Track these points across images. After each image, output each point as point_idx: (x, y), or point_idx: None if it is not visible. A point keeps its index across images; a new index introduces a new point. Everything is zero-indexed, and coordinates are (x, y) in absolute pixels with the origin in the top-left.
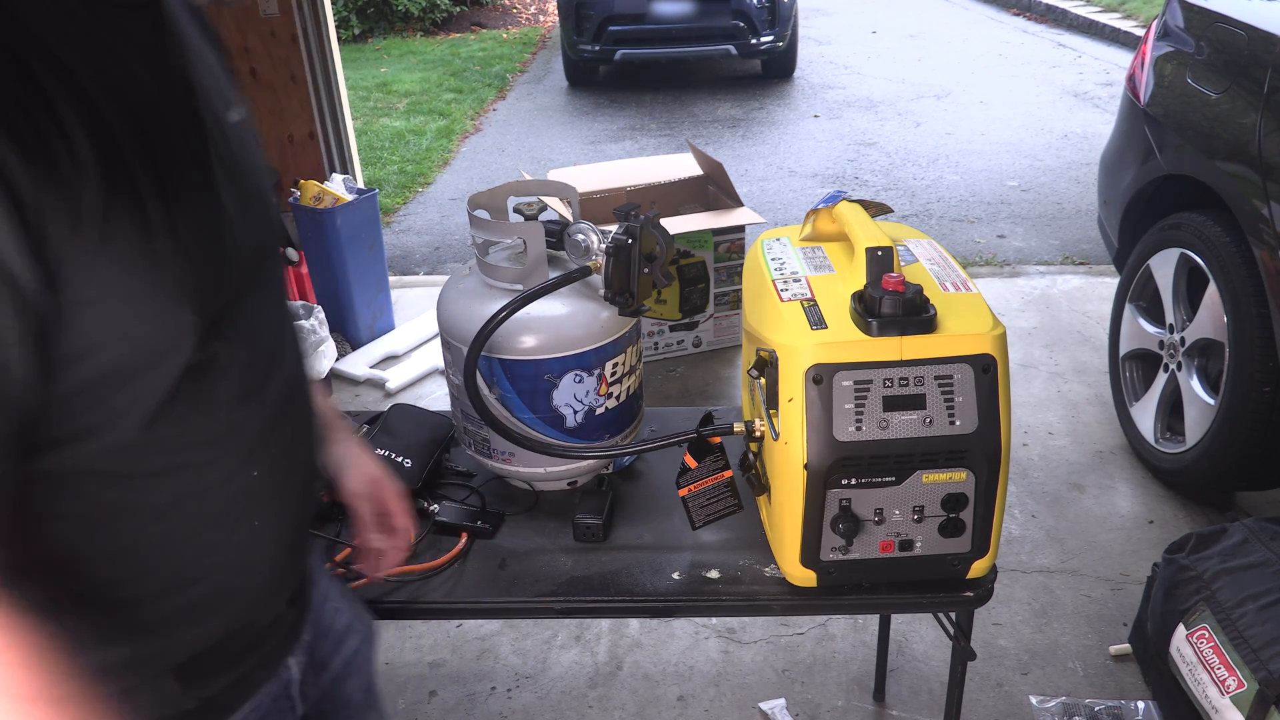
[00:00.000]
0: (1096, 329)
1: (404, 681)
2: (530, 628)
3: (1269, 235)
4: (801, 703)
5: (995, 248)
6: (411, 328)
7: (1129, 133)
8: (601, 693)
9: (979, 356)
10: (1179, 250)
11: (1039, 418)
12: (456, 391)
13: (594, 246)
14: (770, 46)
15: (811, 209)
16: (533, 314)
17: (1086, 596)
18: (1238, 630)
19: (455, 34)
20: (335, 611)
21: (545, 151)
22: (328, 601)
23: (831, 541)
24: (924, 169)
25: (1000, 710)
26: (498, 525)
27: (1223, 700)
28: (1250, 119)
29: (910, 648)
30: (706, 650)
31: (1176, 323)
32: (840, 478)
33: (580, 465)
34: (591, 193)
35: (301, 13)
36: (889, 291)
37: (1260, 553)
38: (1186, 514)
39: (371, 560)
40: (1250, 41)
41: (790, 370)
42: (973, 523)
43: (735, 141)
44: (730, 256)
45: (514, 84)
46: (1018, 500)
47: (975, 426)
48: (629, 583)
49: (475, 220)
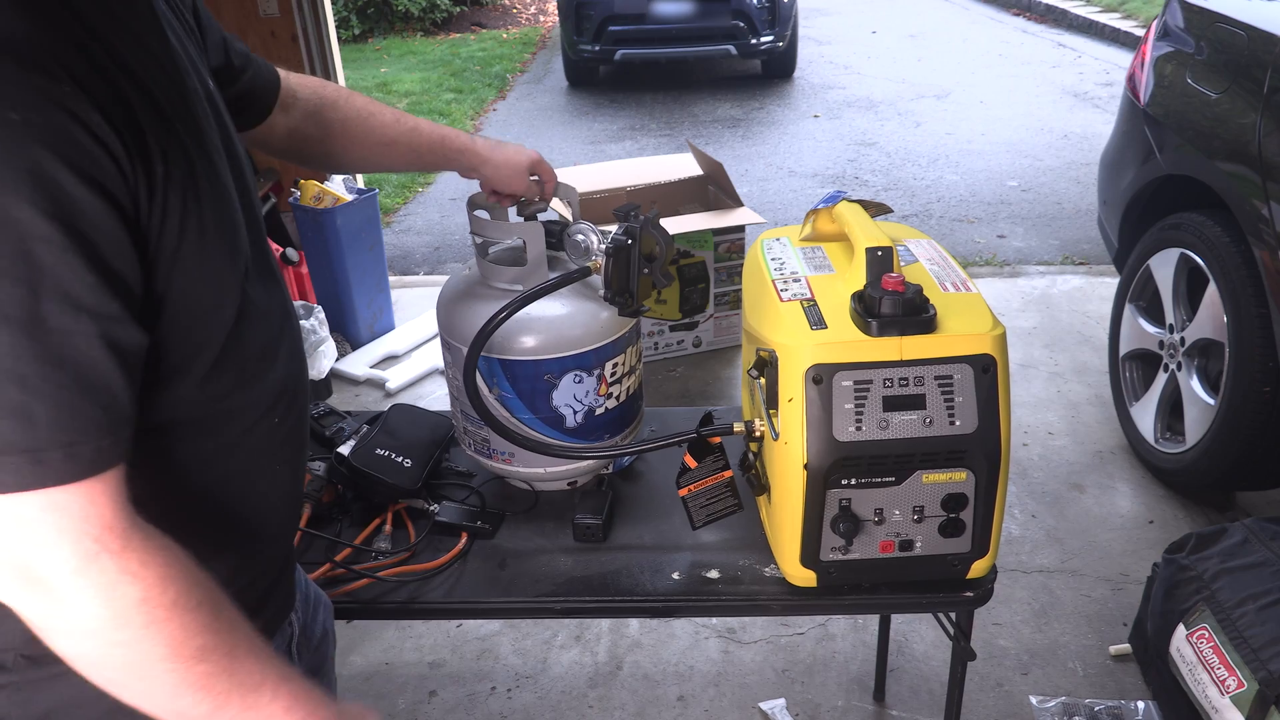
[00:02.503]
0: (1096, 329)
1: (404, 681)
2: (530, 628)
3: (1269, 235)
4: (801, 703)
5: (995, 248)
6: (411, 328)
7: (1129, 133)
8: (601, 693)
9: (979, 356)
10: (1179, 250)
11: (1039, 418)
12: (456, 391)
13: (594, 246)
14: (770, 46)
15: (811, 209)
16: (533, 314)
17: (1086, 596)
18: (1238, 630)
19: (455, 34)
20: (305, 580)
21: (545, 151)
22: (297, 570)
23: (831, 541)
24: (924, 169)
25: (1000, 710)
26: (498, 525)
27: (1223, 700)
28: (1250, 119)
29: (910, 648)
30: (706, 650)
31: (1176, 323)
32: (840, 478)
33: (580, 465)
34: (591, 193)
35: (301, 13)
36: (889, 291)
37: (1260, 553)
38: (1186, 514)
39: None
40: (1250, 41)
41: (790, 370)
42: (973, 523)
43: (735, 141)
44: (730, 256)
45: (514, 84)
46: (1018, 500)
47: (975, 426)
48: (629, 583)
49: (475, 220)
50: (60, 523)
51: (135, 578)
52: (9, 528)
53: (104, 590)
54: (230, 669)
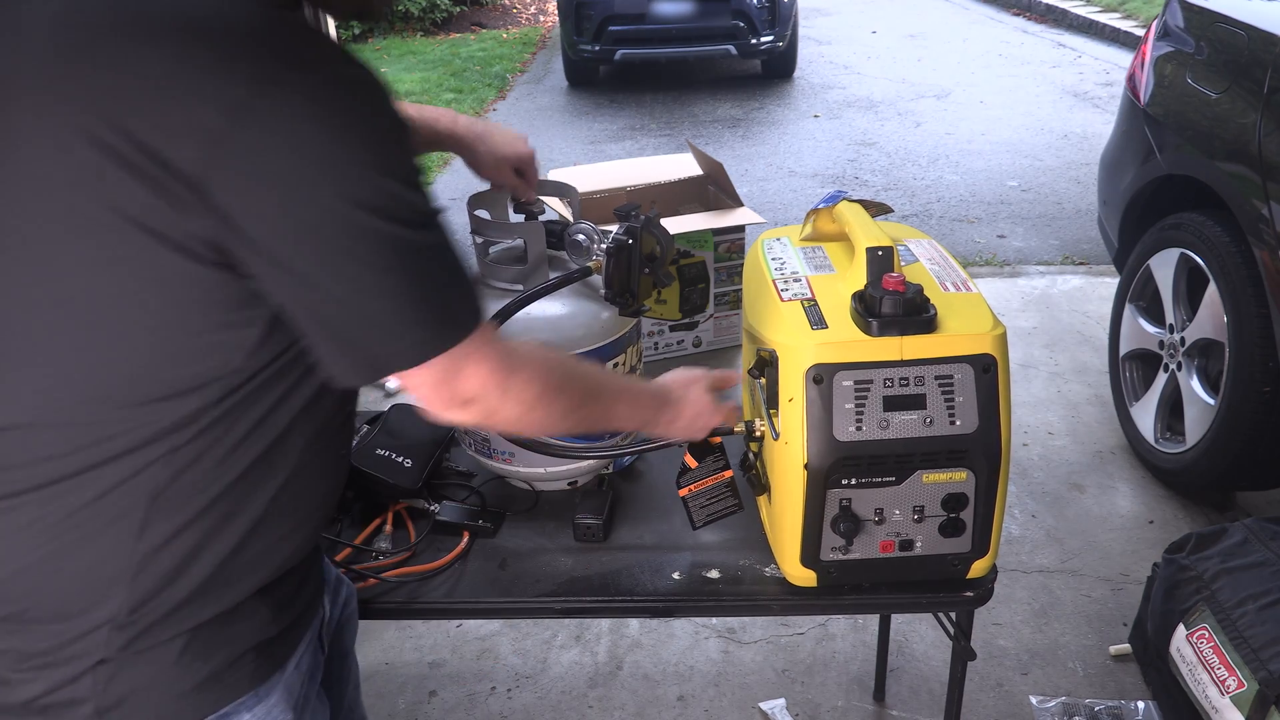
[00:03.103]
0: (1096, 329)
1: (404, 681)
2: (530, 628)
3: (1269, 235)
4: (801, 703)
5: (995, 248)
6: None
7: (1129, 133)
8: (601, 693)
9: (979, 356)
10: (1179, 250)
11: (1039, 418)
12: None
13: (594, 247)
14: (770, 46)
15: (811, 209)
16: (533, 314)
17: (1086, 596)
18: (1238, 630)
19: (455, 34)
20: (326, 563)
21: (545, 151)
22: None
23: (831, 541)
24: (924, 169)
25: (1000, 710)
26: (499, 524)
27: (1223, 700)
28: (1250, 119)
29: (910, 648)
30: (706, 650)
31: (1176, 323)
32: (840, 478)
33: (580, 465)
34: (591, 193)
35: None
36: (889, 291)
37: (1260, 553)
38: (1186, 514)
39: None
40: (1250, 41)
41: (790, 370)
42: (973, 523)
43: (735, 141)
44: (730, 256)
45: (514, 84)
46: (1018, 500)
47: (975, 426)
48: (629, 583)
49: (475, 220)
50: (484, 350)
51: (529, 381)
52: (452, 366)
53: (516, 396)
54: (599, 398)
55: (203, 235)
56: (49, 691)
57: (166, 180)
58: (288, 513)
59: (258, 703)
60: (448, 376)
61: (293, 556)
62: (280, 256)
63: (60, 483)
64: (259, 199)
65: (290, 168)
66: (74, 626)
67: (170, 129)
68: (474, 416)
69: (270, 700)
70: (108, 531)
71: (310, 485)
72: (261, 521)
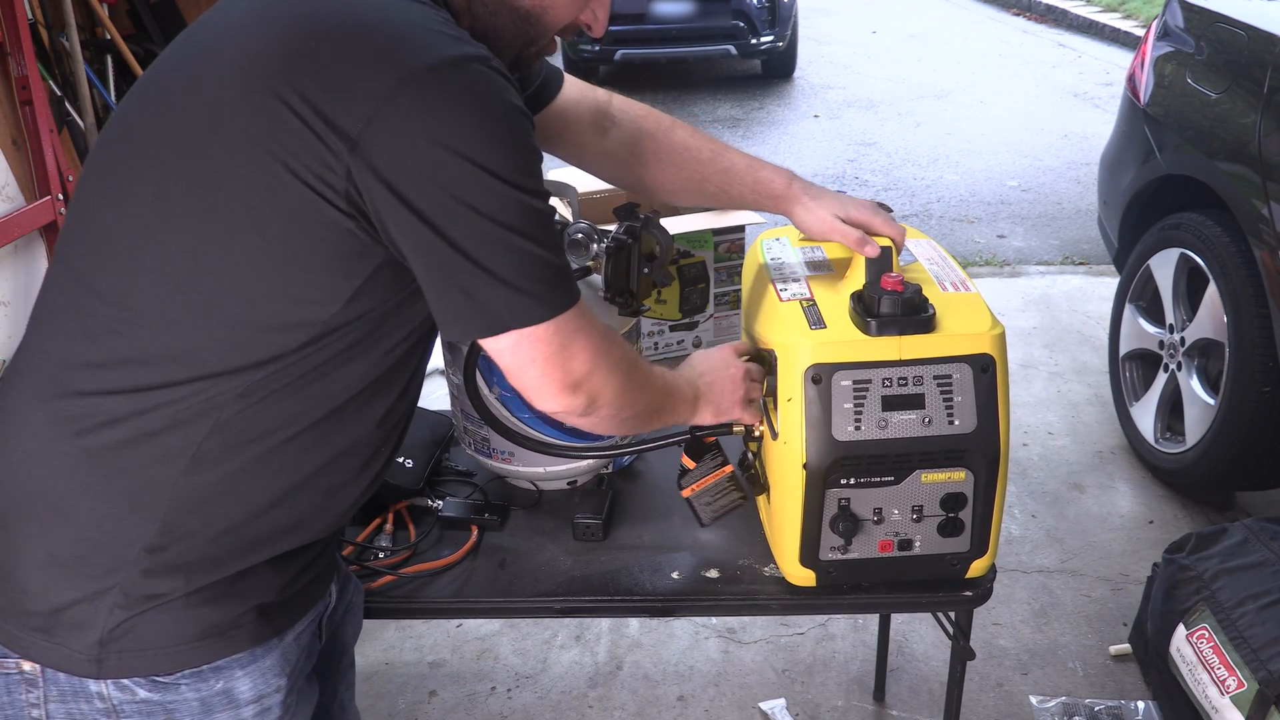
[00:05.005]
0: (1096, 329)
1: (404, 681)
2: (530, 628)
3: (1269, 235)
4: (801, 703)
5: (995, 248)
6: None
7: (1129, 133)
8: (601, 693)
9: (978, 356)
10: (1179, 250)
11: (1039, 418)
12: (456, 391)
13: (594, 247)
14: (770, 46)
15: None
16: None
17: (1086, 596)
18: (1238, 630)
19: None
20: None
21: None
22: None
23: (831, 541)
24: (924, 169)
25: (1000, 710)
26: (505, 517)
27: (1223, 700)
28: (1250, 119)
29: (910, 648)
30: (706, 650)
31: (1176, 323)
32: (839, 477)
33: (580, 465)
34: (591, 193)
35: None
36: (888, 291)
37: (1260, 553)
38: (1186, 514)
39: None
40: (1250, 41)
41: (789, 370)
42: (972, 522)
43: (735, 141)
44: (730, 256)
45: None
46: (1018, 500)
47: (974, 426)
48: (629, 582)
49: None
50: (589, 328)
51: (616, 365)
52: (564, 339)
53: (607, 377)
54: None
55: (341, 186)
56: (65, 607)
57: (326, 134)
58: (324, 491)
59: (252, 662)
60: (561, 351)
61: (314, 535)
62: (419, 206)
63: (143, 393)
64: (407, 154)
65: (437, 133)
66: (109, 536)
67: (339, 95)
68: (580, 401)
69: (265, 663)
70: (167, 448)
71: (352, 470)
72: (300, 489)
